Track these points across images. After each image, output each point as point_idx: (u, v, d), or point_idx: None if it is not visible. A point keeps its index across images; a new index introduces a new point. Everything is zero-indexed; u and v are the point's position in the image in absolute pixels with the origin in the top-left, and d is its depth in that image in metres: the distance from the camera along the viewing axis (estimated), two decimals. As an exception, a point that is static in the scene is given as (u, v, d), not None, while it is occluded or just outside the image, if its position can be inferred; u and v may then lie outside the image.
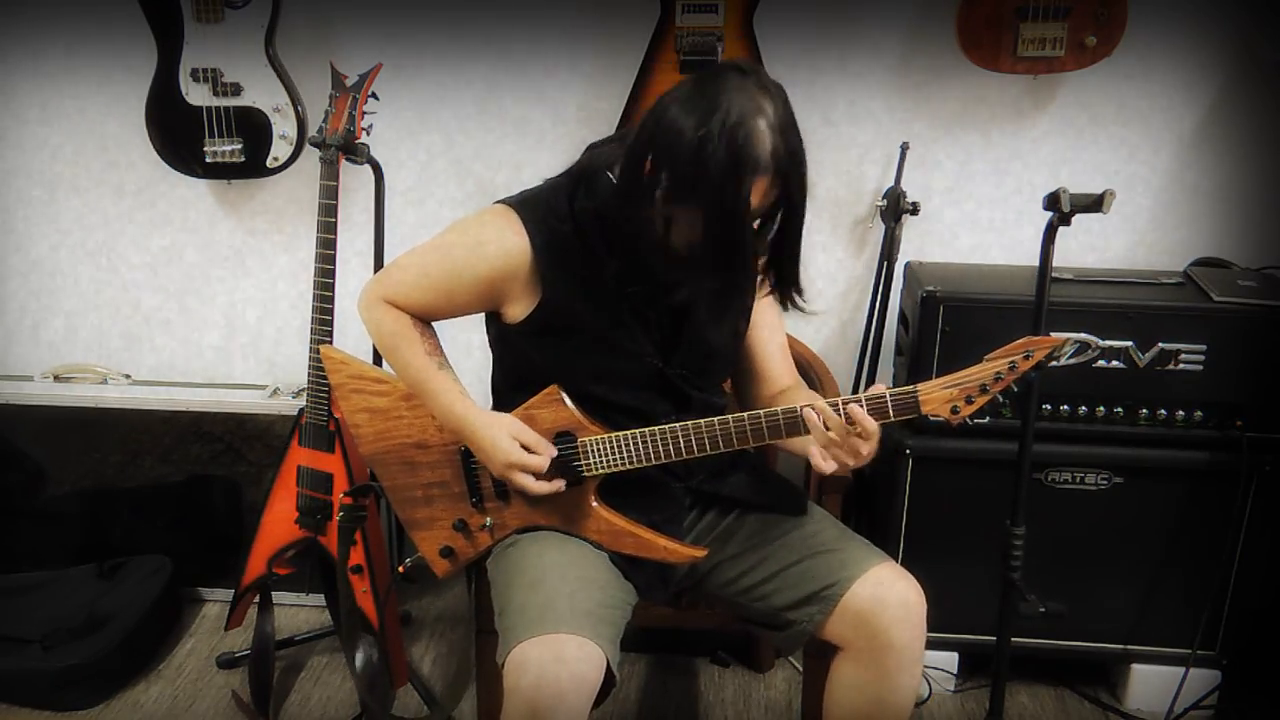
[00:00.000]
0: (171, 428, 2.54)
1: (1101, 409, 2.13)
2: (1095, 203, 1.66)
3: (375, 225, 2.33)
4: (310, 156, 2.32)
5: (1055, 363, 2.08)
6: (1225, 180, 2.43)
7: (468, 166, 2.58)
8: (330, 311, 2.15)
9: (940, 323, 2.11)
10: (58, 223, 2.71)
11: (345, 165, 2.19)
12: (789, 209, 1.52)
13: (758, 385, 1.83)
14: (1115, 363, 2.10)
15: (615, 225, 1.58)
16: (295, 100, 2.43)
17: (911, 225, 2.50)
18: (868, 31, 2.41)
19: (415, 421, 1.76)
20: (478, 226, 1.64)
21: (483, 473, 1.75)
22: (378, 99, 2.18)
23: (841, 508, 1.92)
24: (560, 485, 1.66)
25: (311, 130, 2.24)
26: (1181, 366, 2.09)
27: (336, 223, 2.14)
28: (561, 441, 1.67)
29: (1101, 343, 2.09)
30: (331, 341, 2.14)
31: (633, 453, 1.64)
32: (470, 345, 2.36)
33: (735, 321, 1.75)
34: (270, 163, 2.46)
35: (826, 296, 2.59)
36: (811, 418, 1.53)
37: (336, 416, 2.17)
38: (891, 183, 2.44)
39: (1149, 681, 2.26)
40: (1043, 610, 1.89)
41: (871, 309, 2.49)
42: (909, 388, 1.53)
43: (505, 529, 1.76)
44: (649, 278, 1.62)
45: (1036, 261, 1.77)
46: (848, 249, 2.56)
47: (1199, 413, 2.11)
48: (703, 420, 1.60)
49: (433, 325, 1.73)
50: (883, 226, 2.46)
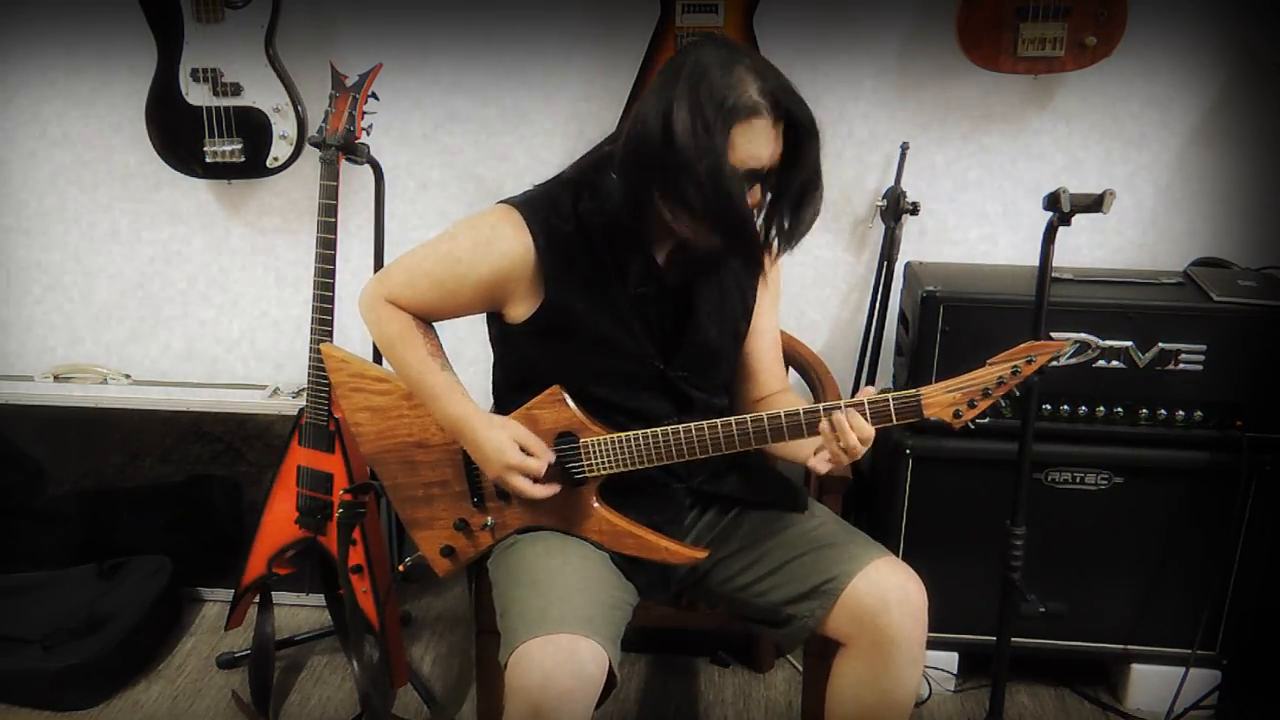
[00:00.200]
0: (172, 428, 2.54)
1: (1101, 409, 2.13)
2: (1095, 203, 1.66)
3: (375, 225, 2.33)
4: (310, 156, 2.32)
5: (1055, 363, 2.08)
6: (1225, 180, 2.44)
7: (468, 166, 2.58)
8: (330, 311, 2.15)
9: (940, 323, 2.11)
10: (58, 222, 2.71)
11: (345, 165, 2.19)
12: (800, 149, 1.49)
13: (747, 386, 1.84)
14: (1115, 363, 2.10)
15: (620, 225, 1.58)
16: (295, 100, 2.43)
17: (911, 225, 2.50)
18: (868, 31, 2.41)
19: (416, 421, 1.76)
20: (481, 226, 1.64)
21: (483, 472, 1.75)
22: (378, 99, 2.18)
23: (841, 507, 1.92)
24: (555, 490, 1.66)
25: (311, 130, 2.24)
26: (1181, 366, 2.09)
27: (336, 223, 2.13)
28: (563, 442, 1.67)
29: (1101, 343, 2.09)
30: (331, 341, 2.14)
31: (634, 454, 1.64)
32: (471, 346, 2.36)
33: (736, 323, 1.76)
34: (270, 163, 2.46)
35: (827, 297, 2.59)
36: (828, 428, 1.52)
37: (336, 416, 2.17)
38: (891, 183, 2.44)
39: (1149, 681, 2.26)
40: (1043, 610, 1.89)
41: (871, 309, 2.49)
42: (912, 391, 1.53)
43: (506, 529, 1.76)
44: (652, 278, 1.62)
45: (1036, 261, 1.78)
46: (848, 249, 2.56)
47: (1199, 413, 2.11)
48: (705, 422, 1.60)
49: (434, 325, 1.73)
50: (883, 226, 2.46)
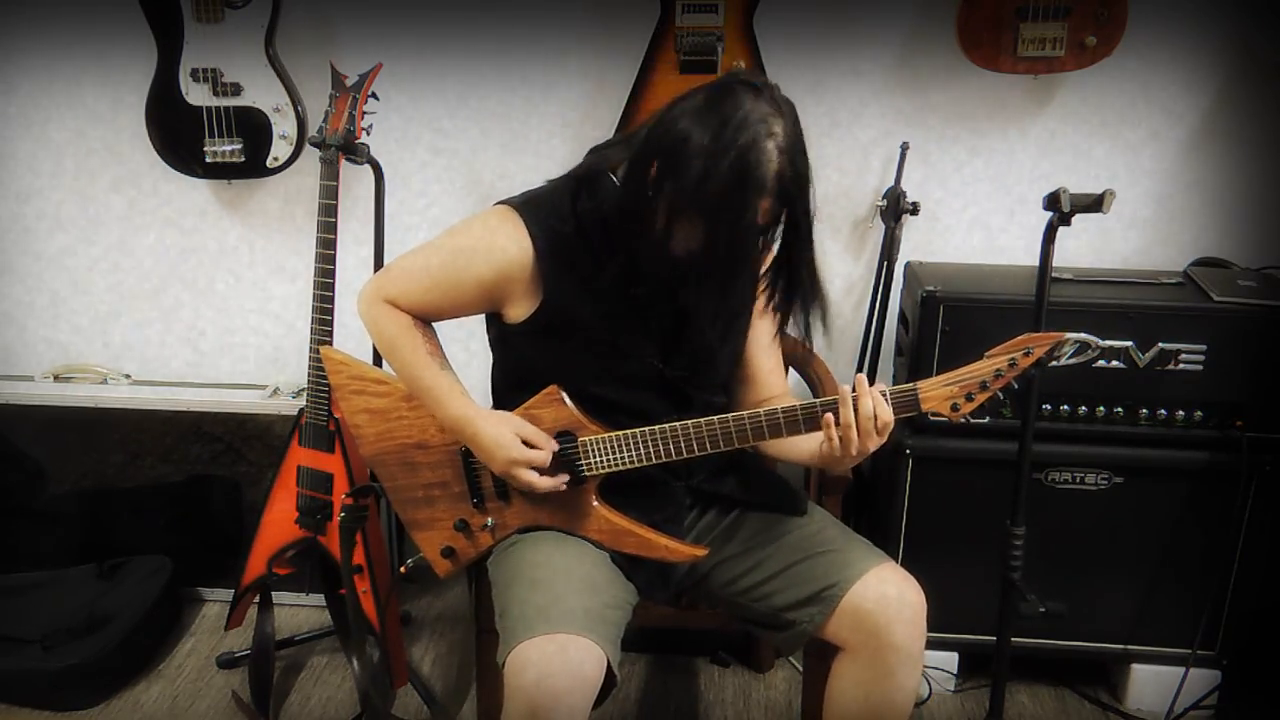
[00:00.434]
0: (172, 428, 2.54)
1: (1101, 409, 2.13)
2: (1095, 203, 1.66)
3: (375, 225, 2.33)
4: (310, 156, 2.32)
5: (1055, 362, 2.08)
6: (1225, 180, 2.43)
7: (467, 166, 2.58)
8: (330, 311, 2.15)
9: (940, 323, 2.11)
10: (58, 223, 2.71)
11: (345, 165, 2.19)
12: (791, 227, 1.53)
13: (746, 390, 1.84)
14: (1115, 363, 2.10)
15: (617, 227, 1.58)
16: (295, 100, 2.43)
17: (911, 225, 2.50)
18: (868, 32, 2.41)
19: (416, 422, 1.76)
20: (480, 227, 1.64)
21: (484, 473, 1.75)
22: (378, 99, 2.17)
23: (841, 508, 1.93)
24: (563, 482, 1.66)
25: (311, 130, 2.24)
26: (1181, 366, 2.09)
27: (336, 223, 2.13)
28: (562, 441, 1.67)
29: (1101, 343, 2.09)
30: (331, 341, 2.14)
31: (633, 452, 1.64)
32: (470, 346, 2.36)
33: (736, 323, 1.75)
34: (270, 163, 2.46)
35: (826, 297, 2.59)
36: (845, 394, 1.52)
37: (337, 416, 2.17)
38: (891, 183, 2.44)
39: (1149, 681, 2.26)
40: (1043, 610, 1.89)
41: (871, 309, 2.49)
42: (909, 385, 1.53)
43: (506, 529, 1.76)
44: (650, 280, 1.62)
45: (1036, 261, 1.78)
46: (848, 249, 2.56)
47: (1199, 413, 2.11)
48: (703, 419, 1.60)
49: (433, 326, 1.73)
50: (883, 226, 2.46)
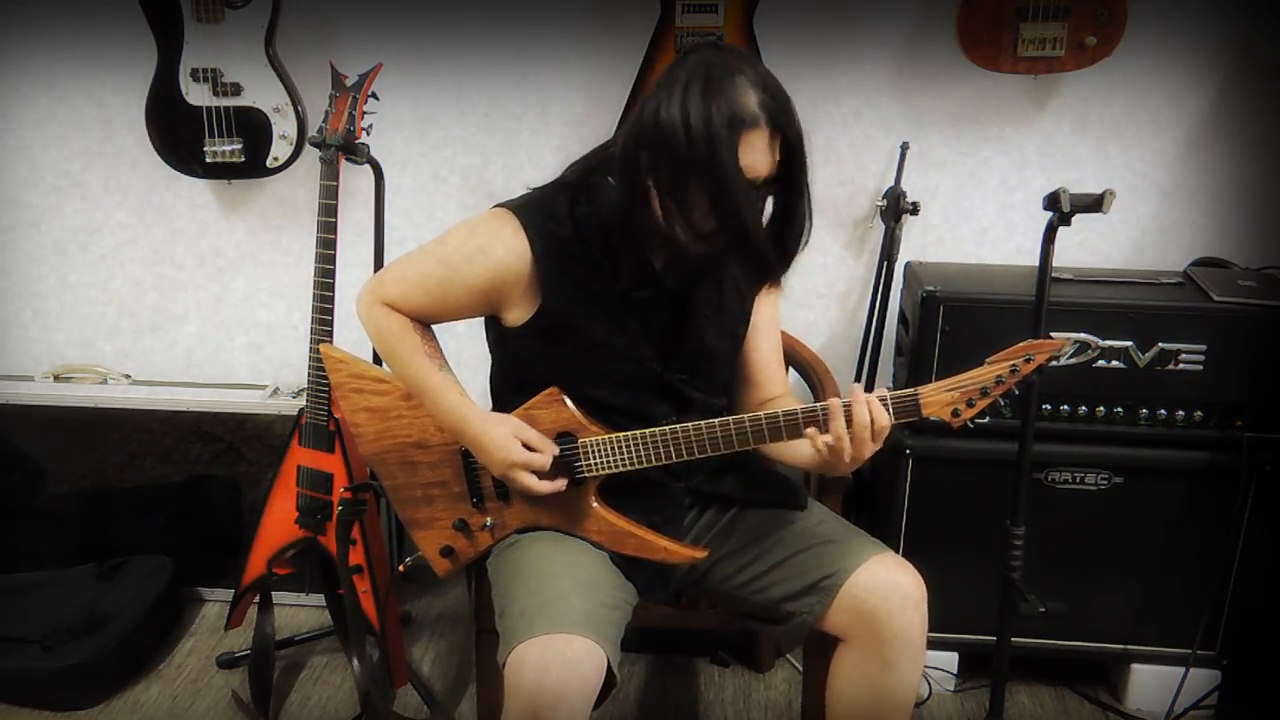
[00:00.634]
0: (172, 428, 2.54)
1: (1101, 409, 2.13)
2: (1095, 203, 1.66)
3: (375, 225, 2.33)
4: (310, 156, 2.32)
5: (1056, 362, 2.08)
6: (1225, 180, 2.43)
7: (468, 166, 2.58)
8: (330, 311, 2.15)
9: (940, 323, 2.11)
10: (58, 222, 2.71)
11: (345, 165, 2.18)
12: (790, 162, 1.50)
13: (748, 390, 1.83)
14: (1115, 363, 2.10)
15: (618, 229, 1.58)
16: (295, 100, 2.43)
17: (911, 225, 2.50)
18: (868, 31, 2.41)
19: (415, 421, 1.76)
20: (478, 230, 1.63)
21: (483, 472, 1.74)
22: (378, 99, 2.17)
23: (841, 508, 1.92)
24: (562, 485, 1.66)
25: (311, 130, 2.24)
26: (1181, 366, 2.09)
27: (336, 223, 2.13)
28: (562, 442, 1.66)
29: (1101, 343, 2.09)
30: (331, 341, 2.14)
31: (633, 454, 1.64)
32: (469, 348, 2.36)
33: (735, 324, 1.75)
34: (270, 163, 2.46)
35: (826, 297, 2.59)
36: (835, 408, 1.51)
37: (336, 416, 2.17)
38: (891, 183, 2.44)
39: (1149, 681, 2.26)
40: (1043, 610, 1.89)
41: (871, 309, 2.49)
42: (910, 390, 1.53)
43: (506, 529, 1.76)
44: (650, 281, 1.62)
45: (1036, 261, 1.78)
46: (848, 249, 2.56)
47: (1199, 413, 2.11)
48: (703, 422, 1.60)
49: (432, 328, 1.73)
50: (883, 226, 2.46)
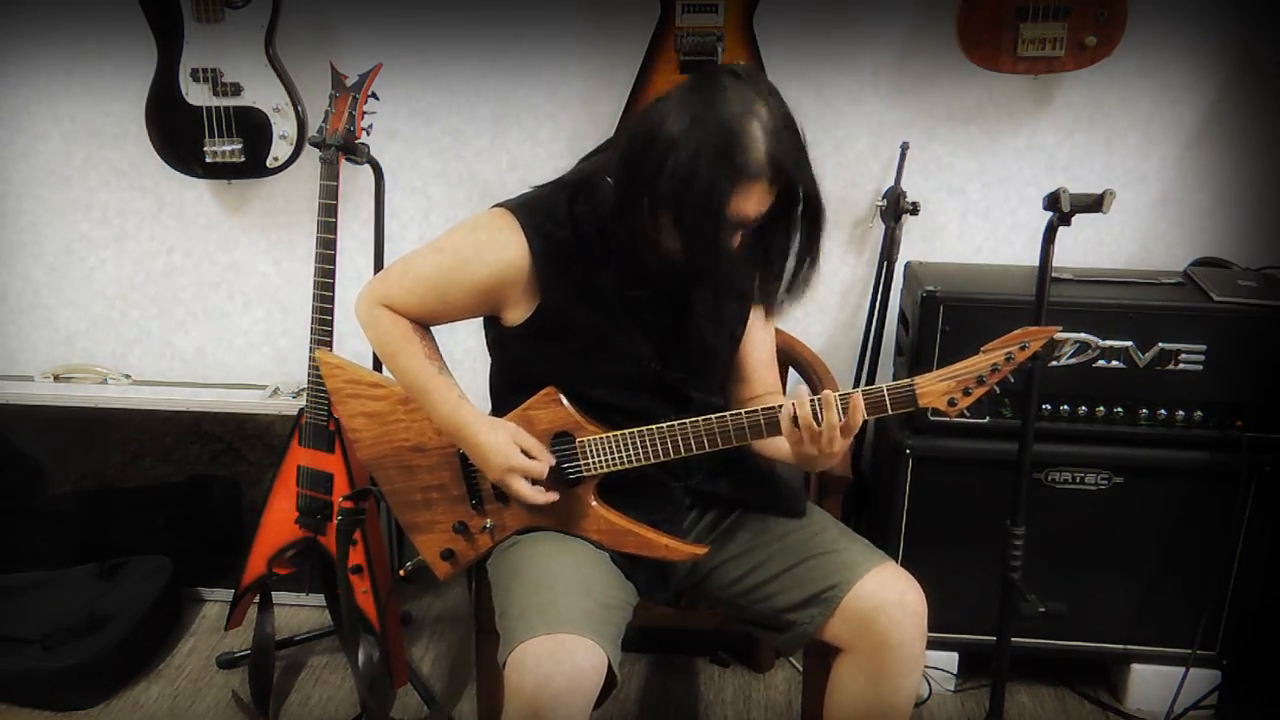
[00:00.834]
0: (172, 428, 2.54)
1: (1101, 409, 2.13)
2: (1095, 203, 1.66)
3: (375, 225, 2.33)
4: (310, 156, 2.31)
5: (1056, 362, 2.09)
6: (1225, 180, 2.43)
7: (467, 166, 2.58)
8: (330, 311, 2.15)
9: (940, 323, 2.11)
10: (57, 222, 2.71)
11: (345, 165, 2.19)
12: (793, 208, 1.51)
13: (738, 386, 1.83)
14: (1115, 363, 2.10)
15: (614, 229, 1.58)
16: (295, 100, 2.42)
17: (911, 225, 2.50)
18: (868, 31, 2.41)
19: (413, 425, 1.76)
20: (477, 231, 1.64)
21: (481, 475, 1.74)
22: (378, 99, 2.17)
23: (841, 508, 1.92)
24: (555, 496, 1.66)
25: (311, 130, 2.24)
26: (1181, 366, 2.09)
27: (336, 223, 2.13)
28: (560, 442, 1.67)
29: (1101, 343, 2.09)
30: (331, 341, 2.14)
31: (631, 452, 1.64)
32: (468, 348, 2.36)
33: (733, 324, 1.75)
34: (270, 163, 2.46)
35: (826, 296, 2.59)
36: (826, 400, 1.51)
37: (336, 417, 2.17)
38: (891, 183, 2.44)
39: (1149, 681, 2.26)
40: (1043, 610, 1.89)
41: (871, 309, 2.49)
42: (906, 381, 1.53)
43: (505, 530, 1.76)
44: (648, 282, 1.62)
45: (1036, 261, 1.78)
46: (848, 249, 2.56)
47: (1199, 413, 2.11)
48: (700, 418, 1.60)
49: (431, 330, 1.73)
50: (883, 226, 2.46)
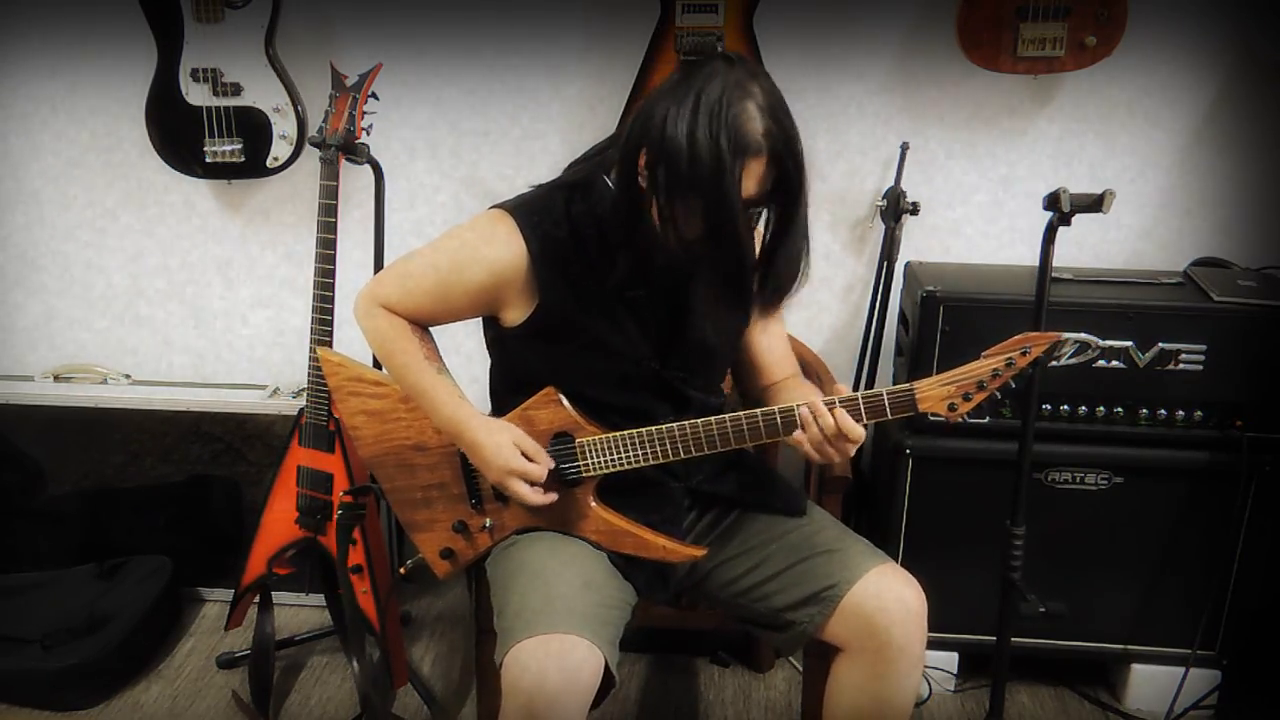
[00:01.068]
0: (172, 428, 2.54)
1: (1101, 409, 2.13)
2: (1095, 203, 1.66)
3: (375, 225, 2.33)
4: (310, 156, 2.32)
5: (1056, 362, 2.08)
6: (1225, 180, 2.43)
7: (467, 167, 2.58)
8: (330, 311, 2.15)
9: (940, 323, 2.11)
10: (58, 222, 2.71)
11: (345, 165, 2.19)
12: (787, 193, 1.51)
13: (754, 377, 1.83)
14: (1115, 363, 2.10)
15: (614, 229, 1.58)
16: (295, 100, 2.43)
17: (911, 225, 2.50)
18: (868, 31, 2.41)
19: (413, 424, 1.76)
20: (475, 232, 1.64)
21: (481, 474, 1.74)
22: (378, 99, 2.17)
23: (841, 508, 1.92)
24: (554, 498, 1.66)
25: (311, 130, 2.24)
26: (1181, 366, 2.09)
27: (336, 222, 2.13)
28: (559, 442, 1.67)
29: (1101, 343, 2.09)
30: (331, 341, 2.14)
31: (631, 453, 1.64)
32: (467, 348, 2.36)
33: (732, 321, 1.75)
34: (270, 163, 2.46)
35: (826, 297, 2.59)
36: (806, 417, 1.54)
37: (336, 417, 2.17)
38: (891, 183, 2.44)
39: (1149, 681, 2.26)
40: (1043, 610, 1.89)
41: (871, 309, 2.49)
42: (906, 386, 1.53)
43: (504, 530, 1.76)
44: (647, 281, 1.62)
45: (1036, 261, 1.78)
46: (848, 249, 2.56)
47: (1199, 413, 2.11)
48: (700, 420, 1.60)
49: (430, 331, 1.73)
50: (883, 226, 2.46)
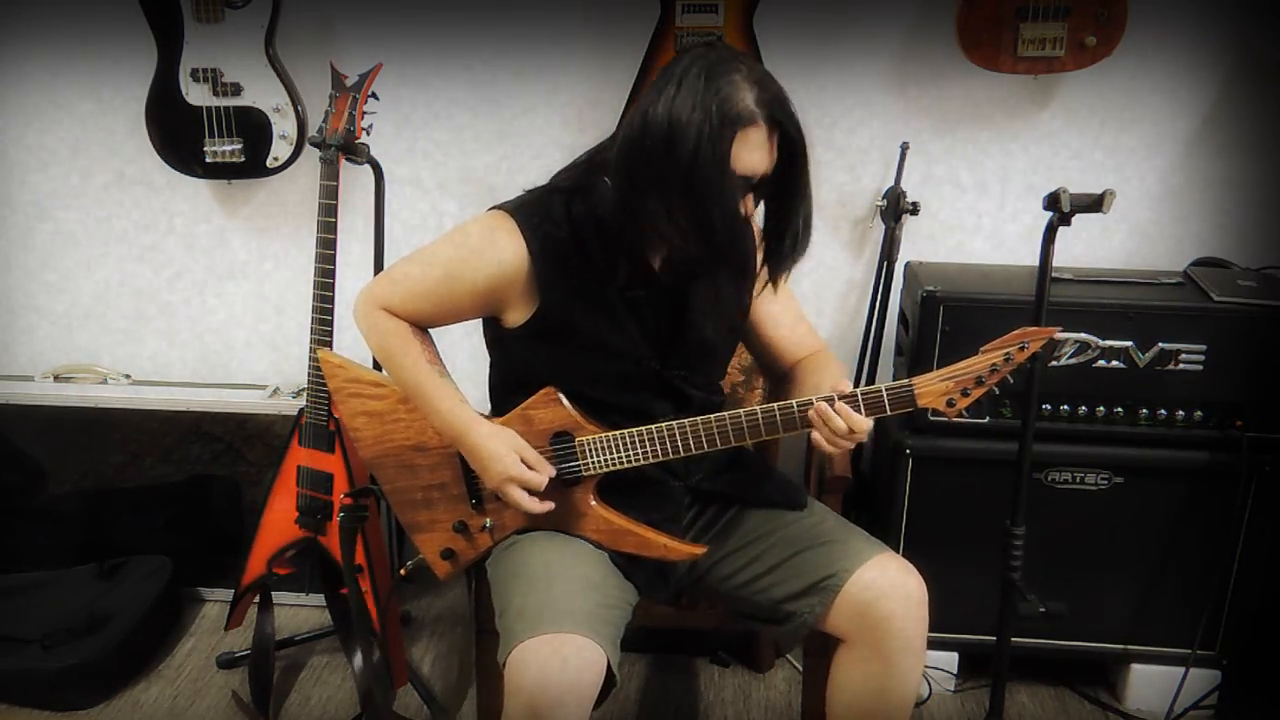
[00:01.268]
0: (172, 428, 2.54)
1: (1101, 409, 2.13)
2: (1095, 203, 1.66)
3: (375, 225, 2.33)
4: (310, 156, 2.32)
5: (1056, 362, 2.09)
6: (1225, 180, 2.43)
7: (468, 167, 2.58)
8: (330, 311, 2.15)
9: (940, 323, 2.11)
10: (57, 222, 2.71)
11: (345, 165, 2.19)
12: (790, 156, 1.50)
13: (775, 359, 1.82)
14: (1115, 363, 2.10)
15: (614, 229, 1.58)
16: (295, 100, 2.43)
17: (911, 225, 2.50)
18: (868, 31, 2.41)
19: (413, 424, 1.76)
20: (474, 233, 1.63)
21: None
22: (378, 99, 2.17)
23: (841, 507, 1.92)
24: (551, 506, 1.66)
25: (311, 130, 2.24)
26: (1181, 366, 2.09)
27: (336, 223, 2.13)
28: (559, 441, 1.67)
29: (1101, 343, 2.09)
30: (331, 341, 2.14)
31: (631, 451, 1.64)
32: (467, 349, 2.36)
33: (733, 319, 1.75)
34: (270, 163, 2.46)
35: (826, 297, 2.59)
36: (815, 418, 1.53)
37: (336, 417, 2.17)
38: (891, 183, 2.44)
39: (1149, 681, 2.26)
40: (1043, 610, 1.89)
41: (871, 309, 2.49)
42: (905, 381, 1.53)
43: (505, 530, 1.76)
44: (646, 281, 1.62)
45: (1036, 261, 1.78)
46: (848, 249, 2.56)
47: (1199, 413, 2.11)
48: (699, 418, 1.60)
49: (430, 332, 1.73)
50: (883, 226, 2.46)
